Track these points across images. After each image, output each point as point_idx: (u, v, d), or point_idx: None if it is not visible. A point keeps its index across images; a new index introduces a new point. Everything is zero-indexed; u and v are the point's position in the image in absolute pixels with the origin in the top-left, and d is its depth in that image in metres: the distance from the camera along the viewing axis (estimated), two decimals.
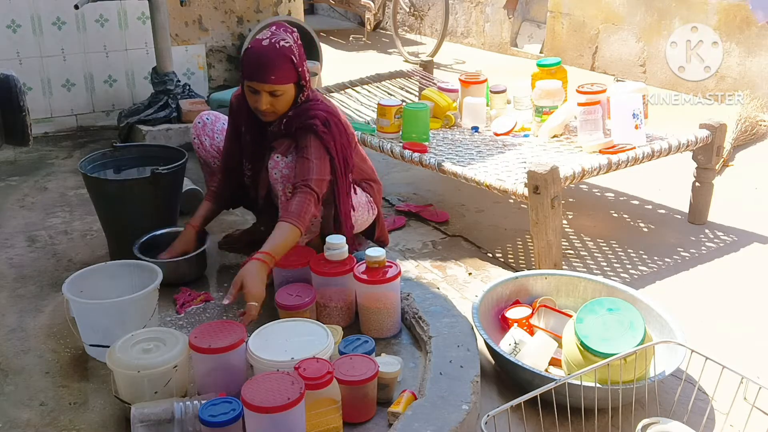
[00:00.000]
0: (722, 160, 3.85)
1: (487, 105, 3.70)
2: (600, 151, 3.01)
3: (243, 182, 2.58)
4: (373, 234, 2.70)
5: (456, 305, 2.31)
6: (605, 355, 1.90)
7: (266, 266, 2.13)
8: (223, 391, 1.81)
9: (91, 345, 2.11)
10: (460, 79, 3.77)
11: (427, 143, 3.27)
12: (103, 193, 2.73)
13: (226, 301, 2.06)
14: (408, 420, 1.73)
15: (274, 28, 2.32)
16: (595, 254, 3.05)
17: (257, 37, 2.31)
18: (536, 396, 1.79)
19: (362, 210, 2.57)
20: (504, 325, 2.35)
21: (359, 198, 2.56)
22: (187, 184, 3.13)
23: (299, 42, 2.34)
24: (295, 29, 2.36)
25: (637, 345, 1.91)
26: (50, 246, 2.93)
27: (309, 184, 2.25)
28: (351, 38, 8.12)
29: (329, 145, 2.31)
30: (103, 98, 4.49)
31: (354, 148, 2.54)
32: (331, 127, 2.33)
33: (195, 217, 2.61)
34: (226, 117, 2.73)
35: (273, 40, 2.26)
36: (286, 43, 2.27)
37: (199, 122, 2.73)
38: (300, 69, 2.30)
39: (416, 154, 3.05)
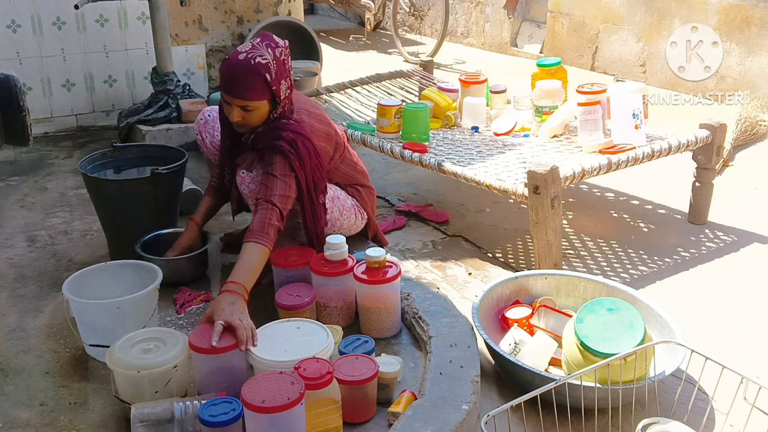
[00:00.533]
0: (722, 160, 3.85)
1: (487, 105, 3.70)
2: (600, 151, 3.01)
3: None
4: (367, 236, 2.70)
5: (456, 305, 2.31)
6: (605, 355, 1.90)
7: (239, 297, 1.97)
8: (223, 392, 1.81)
9: (91, 345, 2.11)
10: (460, 79, 3.77)
11: (427, 143, 3.27)
12: (103, 193, 2.73)
13: (214, 343, 1.84)
14: (408, 420, 1.74)
15: (258, 40, 2.27)
16: (595, 254, 3.05)
17: (238, 48, 2.27)
18: (536, 396, 1.79)
19: (347, 214, 2.56)
20: (504, 325, 2.35)
21: (343, 202, 2.54)
22: (187, 184, 3.13)
23: (282, 57, 2.26)
24: (282, 42, 2.30)
25: (637, 345, 1.92)
26: (50, 246, 2.93)
27: (271, 200, 2.20)
28: (351, 38, 8.12)
29: (294, 165, 2.27)
30: (103, 98, 4.49)
31: (340, 159, 2.55)
32: (298, 147, 2.28)
33: (197, 213, 2.62)
34: None
35: (249, 55, 2.21)
36: (263, 59, 2.21)
37: (201, 119, 2.73)
38: (274, 87, 2.24)
39: (416, 154, 3.05)
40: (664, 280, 2.83)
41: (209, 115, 2.72)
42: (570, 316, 2.23)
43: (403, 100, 3.74)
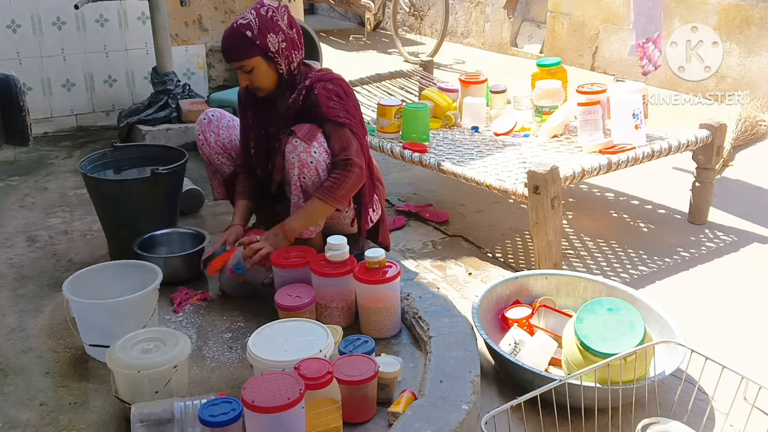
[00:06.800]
0: (722, 160, 3.85)
1: (487, 105, 3.70)
2: (600, 151, 3.01)
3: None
4: (377, 236, 2.70)
5: (456, 305, 2.31)
6: (605, 355, 1.90)
7: (279, 235, 2.38)
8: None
9: (91, 345, 2.11)
10: (460, 79, 3.77)
11: (427, 143, 3.27)
12: (103, 193, 2.73)
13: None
14: (408, 420, 1.74)
15: (250, 8, 2.37)
16: (595, 254, 3.05)
17: None
18: (536, 396, 1.79)
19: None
20: (504, 325, 2.35)
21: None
22: (187, 184, 3.13)
23: (269, 14, 2.33)
24: (271, 3, 2.37)
25: (637, 345, 1.92)
26: (50, 246, 2.93)
27: (351, 156, 2.32)
28: (351, 38, 8.12)
29: (336, 108, 2.36)
30: (103, 98, 4.49)
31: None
32: (333, 87, 2.37)
33: (236, 218, 2.58)
34: (231, 114, 2.74)
35: (234, 22, 2.35)
36: (244, 20, 2.32)
37: (204, 119, 2.68)
38: (258, 41, 2.31)
39: (416, 154, 3.05)
40: (664, 280, 2.83)
41: (213, 115, 2.69)
42: (570, 316, 2.23)
43: (403, 100, 3.74)
